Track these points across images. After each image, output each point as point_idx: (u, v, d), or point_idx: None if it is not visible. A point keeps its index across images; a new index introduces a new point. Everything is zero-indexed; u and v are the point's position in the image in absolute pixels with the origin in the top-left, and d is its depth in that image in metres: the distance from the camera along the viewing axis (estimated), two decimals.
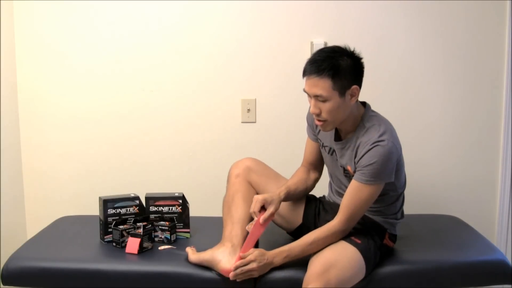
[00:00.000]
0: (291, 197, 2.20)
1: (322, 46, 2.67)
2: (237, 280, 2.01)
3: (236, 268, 1.99)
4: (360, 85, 2.04)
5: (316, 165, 2.31)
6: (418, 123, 2.76)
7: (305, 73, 2.01)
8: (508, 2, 2.67)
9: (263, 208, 2.10)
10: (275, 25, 2.72)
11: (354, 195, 2.03)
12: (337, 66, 1.96)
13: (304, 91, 2.03)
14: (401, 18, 2.71)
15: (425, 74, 2.75)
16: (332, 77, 1.95)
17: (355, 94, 2.02)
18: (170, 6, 2.72)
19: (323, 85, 1.96)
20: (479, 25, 2.71)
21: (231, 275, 1.99)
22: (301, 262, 2.04)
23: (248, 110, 2.78)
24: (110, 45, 2.76)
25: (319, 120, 2.05)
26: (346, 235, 2.06)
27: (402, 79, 2.75)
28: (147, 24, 2.74)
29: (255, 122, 2.80)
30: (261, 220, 2.07)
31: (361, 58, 2.04)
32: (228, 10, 2.72)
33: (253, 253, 2.01)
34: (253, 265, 1.99)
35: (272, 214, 2.10)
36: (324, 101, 1.98)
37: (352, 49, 2.03)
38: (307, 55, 2.69)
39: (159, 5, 2.72)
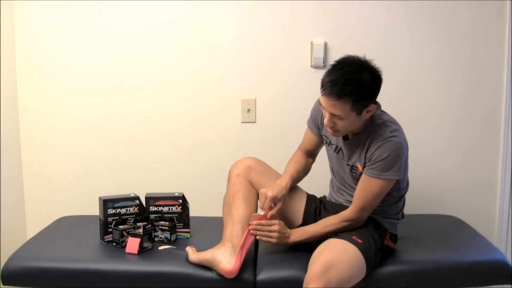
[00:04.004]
0: (293, 185, 2.25)
1: (322, 46, 2.69)
2: (257, 238, 2.11)
3: (259, 224, 2.09)
4: (375, 100, 2.06)
5: (313, 153, 2.37)
6: (418, 124, 2.76)
7: (324, 91, 1.98)
8: (508, 2, 2.67)
9: None
10: (275, 25, 2.72)
11: (365, 189, 2.07)
12: (359, 91, 1.95)
13: (319, 103, 2.04)
14: (401, 18, 2.71)
15: (425, 74, 2.75)
16: (353, 102, 1.95)
17: (371, 110, 2.03)
18: (170, 6, 2.72)
19: (342, 108, 1.96)
20: (479, 25, 2.71)
21: (250, 228, 2.09)
22: (301, 262, 2.05)
23: (248, 110, 2.78)
24: (110, 45, 2.75)
25: (332, 129, 2.07)
26: (346, 235, 2.07)
27: (402, 79, 2.75)
28: (147, 24, 2.74)
29: (255, 122, 2.80)
30: (269, 215, 2.13)
31: (380, 73, 2.02)
32: (228, 10, 2.72)
33: (279, 222, 2.12)
34: (275, 228, 2.10)
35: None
36: (341, 119, 2.00)
37: (372, 62, 2.01)
38: (307, 55, 2.73)
39: (159, 6, 2.71)
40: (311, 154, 2.36)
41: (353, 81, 1.95)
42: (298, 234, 2.14)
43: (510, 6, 2.67)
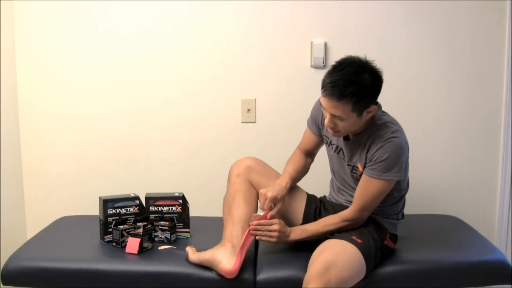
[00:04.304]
0: (293, 185, 2.25)
1: (322, 46, 2.69)
2: (256, 238, 2.10)
3: (258, 224, 2.08)
4: (376, 100, 2.06)
5: (312, 153, 2.37)
6: (418, 123, 2.76)
7: (325, 92, 1.98)
8: (508, 2, 2.67)
9: None
10: (275, 25, 2.72)
11: (366, 189, 2.07)
12: (359, 92, 1.95)
13: (320, 103, 2.04)
14: (401, 18, 2.71)
15: (425, 74, 2.75)
16: (354, 103, 1.95)
17: (372, 111, 2.03)
18: (170, 7, 2.72)
19: (343, 109, 1.97)
20: (479, 25, 2.71)
21: (251, 228, 2.09)
22: (301, 262, 2.05)
23: (248, 110, 2.78)
24: (111, 45, 2.76)
25: (333, 130, 2.07)
26: (346, 235, 2.07)
27: (402, 79, 2.75)
28: (147, 24, 2.74)
29: (255, 122, 2.80)
30: (269, 216, 2.12)
31: (381, 74, 2.02)
32: (228, 10, 2.72)
33: (279, 221, 2.11)
34: (275, 227, 2.09)
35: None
36: (341, 120, 2.00)
37: (373, 63, 2.01)
38: (307, 55, 2.73)
39: (159, 6, 2.72)
40: (310, 154, 2.36)
41: (354, 82, 1.95)
42: (298, 232, 2.14)
43: (510, 6, 2.67)
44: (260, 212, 2.16)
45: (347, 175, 2.19)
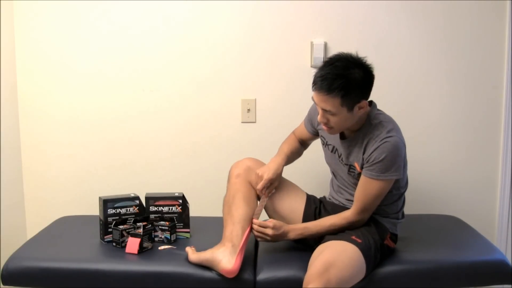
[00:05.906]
0: (287, 164, 2.31)
1: (322, 46, 2.69)
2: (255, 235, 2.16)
3: (255, 224, 2.13)
4: (368, 97, 2.06)
5: (305, 143, 2.42)
6: (418, 123, 2.76)
7: (315, 86, 2.00)
8: (508, 2, 2.67)
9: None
10: (275, 25, 2.72)
11: (365, 190, 2.08)
12: (348, 86, 1.96)
13: (312, 99, 2.05)
14: (401, 18, 2.71)
15: (426, 74, 2.75)
16: (342, 96, 1.96)
17: (364, 107, 2.04)
18: (170, 7, 2.72)
19: (332, 103, 1.98)
20: (479, 25, 2.71)
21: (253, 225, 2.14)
22: (301, 262, 2.05)
23: (248, 110, 2.78)
24: (110, 46, 2.75)
25: (326, 126, 2.08)
26: (346, 235, 2.08)
27: (402, 79, 2.75)
28: (148, 24, 2.74)
29: (255, 122, 2.80)
30: (267, 194, 2.20)
31: (372, 70, 2.03)
32: (228, 10, 2.72)
33: (273, 221, 2.13)
34: (268, 231, 2.11)
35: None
36: (333, 115, 2.01)
37: (364, 59, 2.03)
38: (307, 55, 2.73)
39: (159, 6, 2.71)
40: (303, 143, 2.41)
41: (342, 76, 1.96)
42: (298, 232, 2.15)
43: (510, 6, 2.67)
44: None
45: (345, 174, 2.19)
